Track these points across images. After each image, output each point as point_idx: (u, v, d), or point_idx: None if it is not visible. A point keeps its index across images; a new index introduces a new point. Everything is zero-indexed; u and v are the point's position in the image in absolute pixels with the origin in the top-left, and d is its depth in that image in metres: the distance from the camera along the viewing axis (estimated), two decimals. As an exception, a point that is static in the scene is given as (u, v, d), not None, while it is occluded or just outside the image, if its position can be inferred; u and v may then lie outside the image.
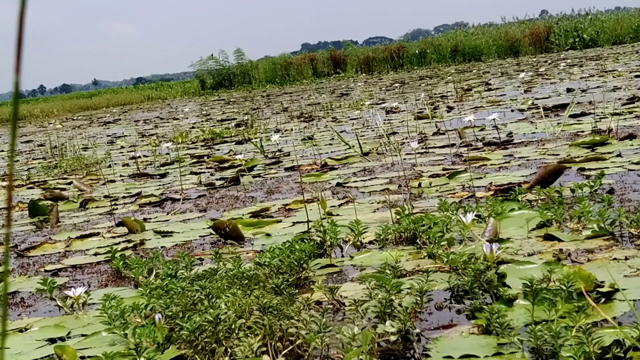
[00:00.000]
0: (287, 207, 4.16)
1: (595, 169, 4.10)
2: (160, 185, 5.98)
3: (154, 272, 2.89)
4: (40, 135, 16.04)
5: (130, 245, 3.70)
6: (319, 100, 15.33)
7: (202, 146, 8.96)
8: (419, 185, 4.28)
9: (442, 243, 2.76)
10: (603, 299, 2.05)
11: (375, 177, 4.91)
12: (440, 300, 2.27)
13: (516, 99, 9.73)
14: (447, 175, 4.48)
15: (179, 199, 4.98)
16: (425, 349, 1.91)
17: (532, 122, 6.87)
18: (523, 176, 4.21)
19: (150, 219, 4.41)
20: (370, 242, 3.10)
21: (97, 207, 5.18)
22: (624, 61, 16.04)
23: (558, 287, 1.96)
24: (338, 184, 4.78)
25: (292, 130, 9.41)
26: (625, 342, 1.67)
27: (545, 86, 11.53)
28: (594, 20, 31.49)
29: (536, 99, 9.21)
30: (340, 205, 4.03)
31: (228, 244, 3.45)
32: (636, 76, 10.98)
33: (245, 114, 13.83)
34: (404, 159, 5.55)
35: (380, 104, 12.42)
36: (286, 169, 5.93)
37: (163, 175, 6.60)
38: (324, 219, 3.31)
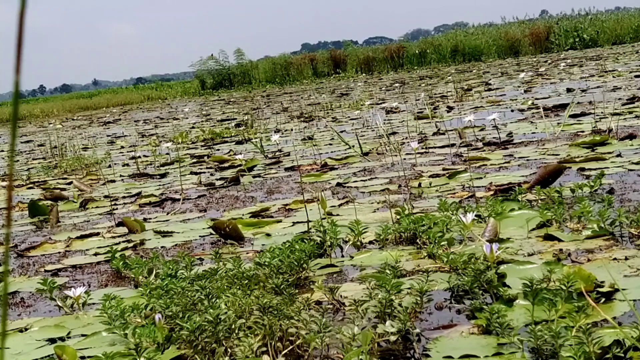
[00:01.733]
0: (287, 207, 4.16)
1: (595, 169, 4.10)
2: (160, 185, 5.98)
3: (154, 272, 2.89)
4: (40, 135, 16.04)
5: (130, 245, 3.70)
6: (319, 100, 15.33)
7: (202, 146, 8.96)
8: (419, 185, 4.28)
9: (442, 243, 2.76)
10: (603, 299, 2.05)
11: (375, 177, 4.91)
12: (440, 300, 2.27)
13: (516, 99, 9.73)
14: (447, 175, 4.48)
15: (179, 199, 4.98)
16: (425, 349, 1.91)
17: (532, 122, 6.87)
18: (523, 176, 4.21)
19: (150, 219, 4.41)
20: (370, 242, 3.10)
21: (97, 207, 5.18)
22: (624, 61, 16.04)
23: (558, 287, 1.96)
24: (338, 184, 4.78)
25: (292, 130, 9.41)
26: (625, 342, 1.67)
27: (545, 86, 11.53)
28: (594, 20, 31.49)
29: (536, 99, 9.21)
30: (340, 205, 4.03)
31: (228, 244, 3.45)
32: (636, 76, 10.98)
33: (245, 114, 13.82)
34: (404, 159, 5.55)
35: (380, 104, 12.41)
36: (286, 169, 5.93)
37: (163, 175, 6.60)
38: (324, 219, 3.31)
